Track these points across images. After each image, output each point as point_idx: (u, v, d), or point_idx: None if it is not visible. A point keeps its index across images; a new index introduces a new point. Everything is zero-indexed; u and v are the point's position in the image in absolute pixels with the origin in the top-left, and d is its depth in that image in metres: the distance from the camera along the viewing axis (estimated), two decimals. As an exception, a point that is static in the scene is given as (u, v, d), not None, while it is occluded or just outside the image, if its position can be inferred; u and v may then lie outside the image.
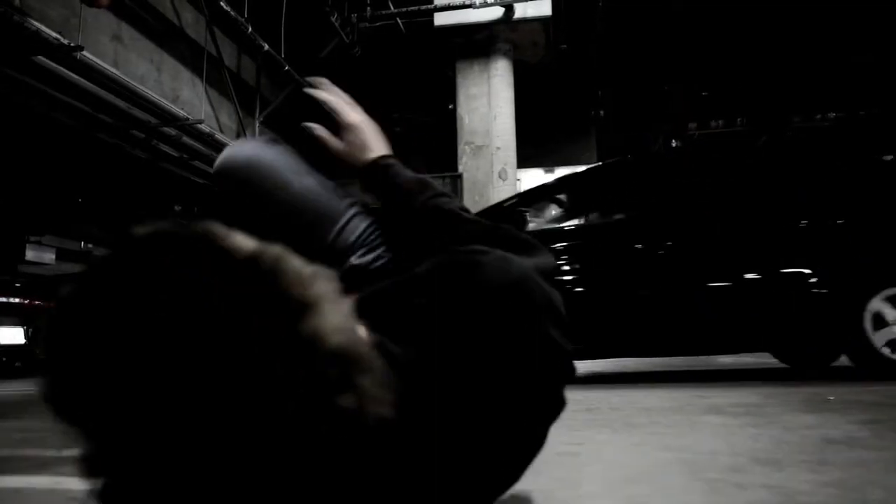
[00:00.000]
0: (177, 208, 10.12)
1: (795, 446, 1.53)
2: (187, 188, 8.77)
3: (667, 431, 1.85)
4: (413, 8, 7.62)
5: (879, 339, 3.23)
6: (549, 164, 11.69)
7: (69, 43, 5.23)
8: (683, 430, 1.88)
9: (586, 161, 11.66)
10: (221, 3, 6.32)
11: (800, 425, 1.85)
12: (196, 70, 7.69)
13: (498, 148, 7.40)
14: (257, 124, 8.69)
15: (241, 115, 8.00)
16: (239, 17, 6.67)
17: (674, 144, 11.28)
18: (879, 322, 3.25)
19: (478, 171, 7.36)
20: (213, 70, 7.65)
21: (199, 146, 7.83)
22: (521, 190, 12.19)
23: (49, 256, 13.12)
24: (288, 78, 7.97)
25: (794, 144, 4.12)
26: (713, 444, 1.61)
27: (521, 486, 1.19)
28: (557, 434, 1.88)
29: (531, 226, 3.98)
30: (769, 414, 2.13)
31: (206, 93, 7.80)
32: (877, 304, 3.25)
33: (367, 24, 8.03)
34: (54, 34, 5.09)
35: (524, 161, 10.60)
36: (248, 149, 0.94)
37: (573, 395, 0.67)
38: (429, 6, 7.44)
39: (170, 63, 7.33)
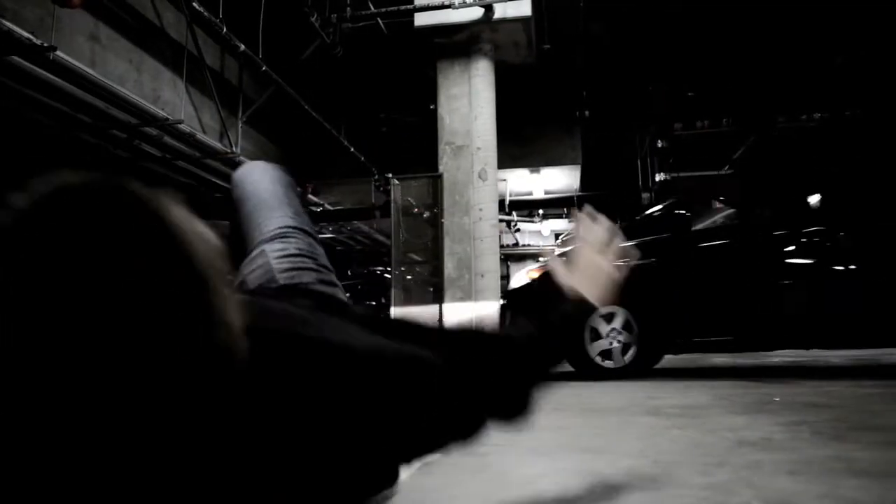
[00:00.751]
0: None
1: (707, 448, 1.54)
2: (171, 187, 8.76)
3: (591, 434, 1.85)
4: (393, 8, 7.59)
5: None
6: (534, 165, 11.70)
7: (42, 43, 5.21)
8: (610, 432, 1.88)
9: (571, 161, 11.67)
10: (194, 4, 6.30)
11: (725, 427, 1.86)
12: (177, 70, 7.66)
13: (479, 148, 7.38)
14: (240, 124, 8.67)
15: (223, 115, 7.97)
16: (213, 18, 6.64)
17: (660, 145, 11.28)
18: None
19: (458, 171, 7.34)
20: (195, 70, 7.61)
21: (182, 146, 7.84)
22: (504, 190, 12.22)
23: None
24: (270, 77, 7.95)
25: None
26: (628, 446, 1.62)
27: (409, 483, 1.20)
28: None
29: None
30: (704, 416, 2.13)
31: (188, 93, 7.78)
32: None
33: (349, 25, 8.00)
34: (26, 34, 5.06)
35: (510, 161, 10.61)
36: (248, 164, 1.26)
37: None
38: (408, 6, 7.41)
39: (150, 63, 7.30)
